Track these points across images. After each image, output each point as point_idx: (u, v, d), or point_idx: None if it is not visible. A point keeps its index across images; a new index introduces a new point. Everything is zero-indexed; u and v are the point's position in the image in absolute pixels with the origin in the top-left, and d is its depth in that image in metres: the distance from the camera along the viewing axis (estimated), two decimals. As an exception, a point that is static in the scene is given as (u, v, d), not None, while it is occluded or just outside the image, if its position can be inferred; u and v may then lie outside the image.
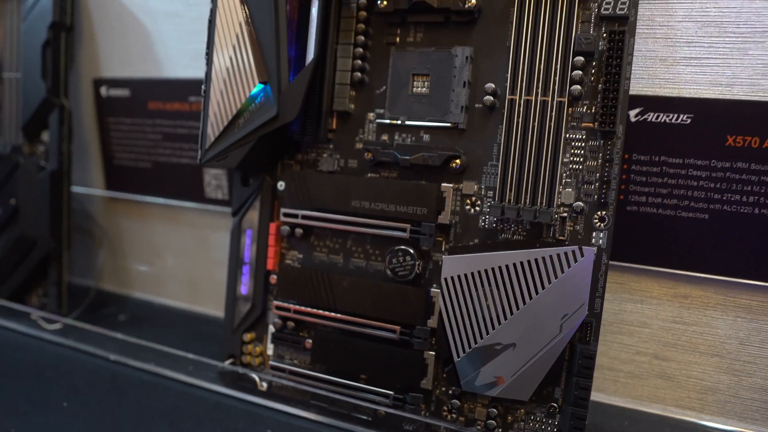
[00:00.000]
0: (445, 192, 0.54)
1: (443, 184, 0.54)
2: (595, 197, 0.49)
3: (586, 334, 0.49)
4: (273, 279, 0.62)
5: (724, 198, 0.54)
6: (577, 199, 0.50)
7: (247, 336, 0.64)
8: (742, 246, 0.54)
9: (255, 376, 0.62)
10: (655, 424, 0.58)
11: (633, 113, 0.55)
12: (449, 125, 0.54)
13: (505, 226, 0.52)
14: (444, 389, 0.54)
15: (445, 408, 0.54)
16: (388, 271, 0.56)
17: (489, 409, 0.52)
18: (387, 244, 0.57)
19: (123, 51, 0.82)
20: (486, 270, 0.51)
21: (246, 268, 0.63)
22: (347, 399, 0.58)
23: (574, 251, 0.48)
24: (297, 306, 0.60)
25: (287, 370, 0.61)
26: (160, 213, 0.85)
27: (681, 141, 0.54)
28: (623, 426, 0.58)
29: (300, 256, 0.62)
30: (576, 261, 0.48)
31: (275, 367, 0.61)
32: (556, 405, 0.50)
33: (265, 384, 0.61)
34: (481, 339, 0.51)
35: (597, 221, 0.49)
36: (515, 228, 0.52)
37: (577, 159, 0.50)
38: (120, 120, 0.83)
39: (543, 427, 0.51)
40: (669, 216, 0.55)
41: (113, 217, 0.89)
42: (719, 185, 0.54)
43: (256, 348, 0.64)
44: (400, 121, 0.56)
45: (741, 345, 0.56)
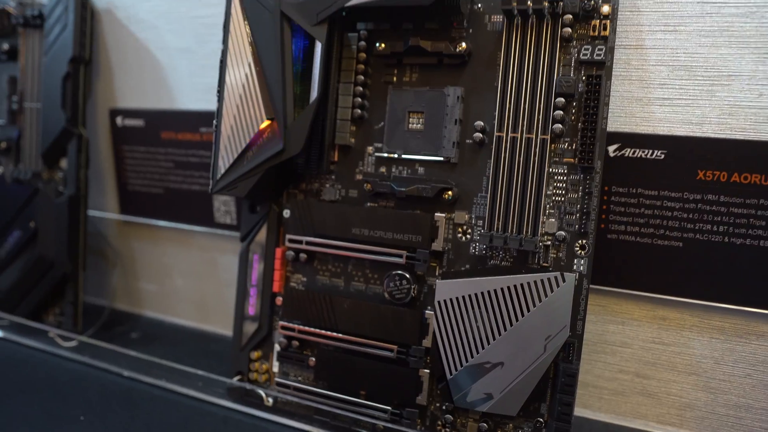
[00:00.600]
0: (438, 221, 0.55)
1: (436, 213, 0.56)
2: (576, 227, 0.51)
3: (568, 353, 0.51)
4: (279, 300, 0.63)
5: (696, 227, 0.55)
6: (560, 229, 0.51)
7: (254, 354, 0.64)
8: (714, 272, 0.55)
9: (261, 392, 0.63)
10: (638, 438, 0.60)
11: (612, 149, 0.56)
12: (442, 159, 0.56)
13: (494, 252, 0.54)
14: (438, 405, 0.56)
15: (439, 422, 0.56)
16: (385, 294, 0.57)
17: (480, 424, 0.54)
18: (385, 269, 0.58)
19: (138, 83, 0.83)
20: (476, 294, 0.52)
21: (253, 290, 0.64)
22: (348, 414, 0.58)
23: (556, 277, 0.50)
24: (301, 326, 0.61)
25: (292, 386, 0.61)
26: (171, 236, 0.86)
27: (656, 175, 0.56)
28: (607, 440, 0.59)
29: (304, 279, 0.63)
30: (558, 286, 0.50)
31: (281, 384, 0.62)
32: (542, 420, 0.52)
33: (271, 399, 0.62)
34: (472, 358, 0.52)
35: (578, 249, 0.51)
36: (503, 255, 0.54)
37: (560, 192, 0.52)
38: (134, 148, 0.84)
39: (530, 441, 0.52)
40: (646, 244, 0.57)
41: (127, 240, 0.89)
42: (692, 216, 0.55)
43: (262, 365, 0.64)
44: (396, 155, 0.58)
45: (716, 364, 0.57)
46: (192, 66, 0.79)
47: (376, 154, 0.59)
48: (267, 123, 0.56)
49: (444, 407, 0.55)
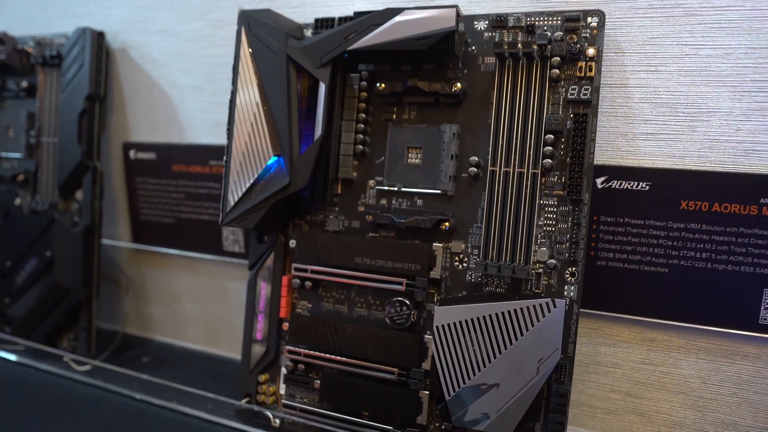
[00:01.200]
0: (436, 250, 0.57)
1: (434, 243, 0.57)
2: (566, 255, 0.52)
3: (560, 375, 0.52)
4: (285, 326, 0.64)
5: (680, 254, 0.56)
6: (551, 257, 0.53)
7: (262, 377, 0.65)
8: (698, 296, 0.56)
9: (269, 413, 0.63)
10: (629, 456, 0.60)
11: (599, 181, 0.58)
12: (439, 192, 0.58)
13: (489, 280, 0.55)
14: (437, 425, 0.57)
15: (439, 442, 0.56)
16: (387, 320, 0.58)
17: (477, 443, 0.54)
18: (386, 295, 0.59)
19: (150, 119, 0.84)
20: (473, 319, 0.53)
21: (261, 315, 0.65)
22: (352, 434, 0.59)
23: (547, 303, 0.51)
24: (307, 350, 0.62)
25: (298, 407, 0.62)
26: (181, 264, 0.86)
27: (641, 205, 0.57)
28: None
29: (309, 305, 0.64)
30: (549, 311, 0.51)
31: (287, 405, 0.63)
32: (536, 439, 0.53)
33: (278, 420, 0.63)
34: (469, 379, 0.53)
35: (568, 276, 0.52)
36: (498, 282, 0.55)
37: (550, 222, 0.53)
38: (146, 180, 0.85)
39: (525, 459, 0.53)
40: (634, 270, 0.58)
41: (138, 267, 0.90)
42: (676, 243, 0.56)
43: (269, 388, 0.65)
44: (396, 188, 0.59)
45: (703, 383, 0.58)
46: (202, 103, 0.80)
47: (377, 187, 0.61)
48: (274, 159, 0.58)
49: (443, 427, 0.56)
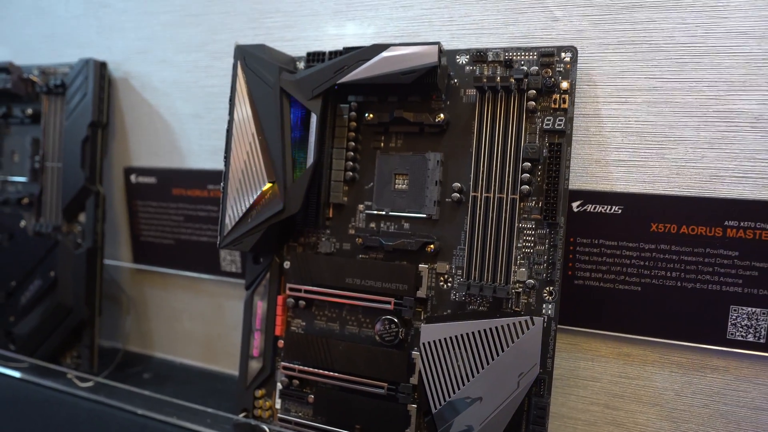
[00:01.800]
0: (422, 271, 0.58)
1: (420, 264, 0.58)
2: (544, 275, 0.54)
3: (540, 388, 0.54)
4: (280, 343, 0.65)
5: (652, 273, 0.58)
6: (530, 277, 0.55)
7: (259, 392, 0.66)
8: (669, 312, 0.58)
9: (265, 427, 0.64)
10: (609, 465, 0.61)
11: (575, 204, 0.60)
12: (425, 216, 0.59)
13: (472, 299, 0.57)
14: None
15: (426, 453, 0.58)
16: (376, 337, 0.60)
17: (462, 454, 0.56)
18: (375, 314, 0.61)
19: (151, 144, 0.86)
20: (457, 336, 0.55)
21: (257, 333, 0.66)
22: (344, 446, 0.60)
23: (526, 320, 0.53)
24: (301, 366, 0.63)
25: (293, 421, 0.63)
26: (180, 283, 0.87)
27: (615, 227, 0.59)
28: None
29: (303, 323, 0.65)
30: (528, 328, 0.53)
31: (283, 419, 0.64)
32: (518, 449, 0.54)
33: None
34: (454, 393, 0.55)
35: (546, 295, 0.54)
36: (480, 301, 0.57)
37: (529, 244, 0.55)
38: (147, 203, 0.86)
39: (508, 469, 0.54)
40: (609, 288, 0.60)
41: (139, 287, 0.90)
42: (647, 263, 0.58)
43: (266, 402, 0.66)
44: (384, 212, 0.61)
45: (677, 396, 0.59)
46: (200, 130, 0.82)
47: (366, 211, 0.63)
48: (269, 185, 0.60)
49: (430, 439, 0.57)
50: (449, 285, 0.59)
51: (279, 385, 0.65)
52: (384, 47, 0.58)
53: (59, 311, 0.82)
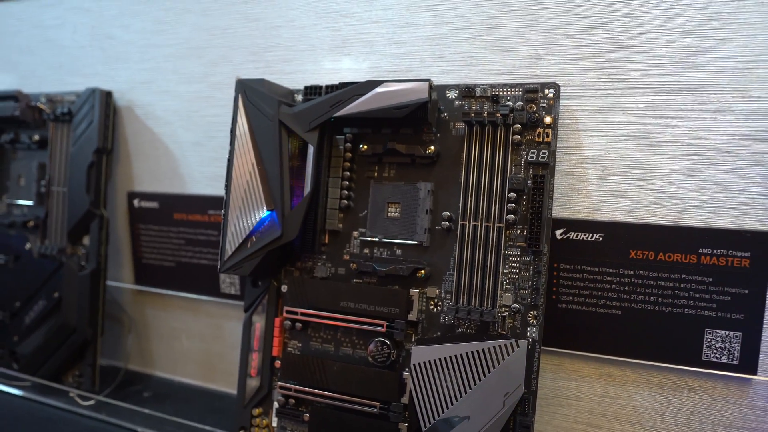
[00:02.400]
0: (413, 295, 0.60)
1: (411, 289, 0.60)
2: (529, 300, 0.56)
3: (524, 407, 0.55)
4: (277, 363, 0.66)
5: (631, 298, 0.60)
6: (515, 302, 0.57)
7: (256, 411, 0.67)
8: (648, 335, 0.60)
9: None
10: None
11: (559, 232, 0.62)
12: (416, 243, 0.61)
13: (461, 322, 0.59)
14: None
15: (417, 470, 0.59)
16: (369, 358, 0.61)
17: (451, 471, 0.57)
18: (368, 336, 0.62)
19: (153, 171, 0.87)
20: (446, 357, 0.56)
21: (255, 354, 0.67)
22: (338, 463, 0.61)
23: (511, 343, 0.54)
24: (297, 386, 0.64)
25: None
26: (181, 304, 0.87)
27: (596, 254, 0.61)
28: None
29: (299, 345, 0.66)
30: (513, 350, 0.54)
31: None
32: (504, 467, 0.55)
33: None
34: (443, 412, 0.56)
35: (531, 319, 0.56)
36: (468, 324, 0.58)
37: (514, 270, 0.57)
38: (149, 227, 0.87)
39: (494, 486, 0.55)
40: (591, 312, 0.61)
41: (141, 308, 0.91)
42: (627, 288, 0.60)
43: (263, 421, 0.67)
44: (378, 239, 0.63)
45: (656, 414, 0.61)
46: (201, 157, 0.83)
47: (360, 237, 0.64)
48: (267, 213, 0.62)
49: (421, 456, 0.58)
50: (439, 309, 0.60)
51: (276, 404, 0.66)
52: (378, 83, 0.60)
53: (62, 331, 0.83)
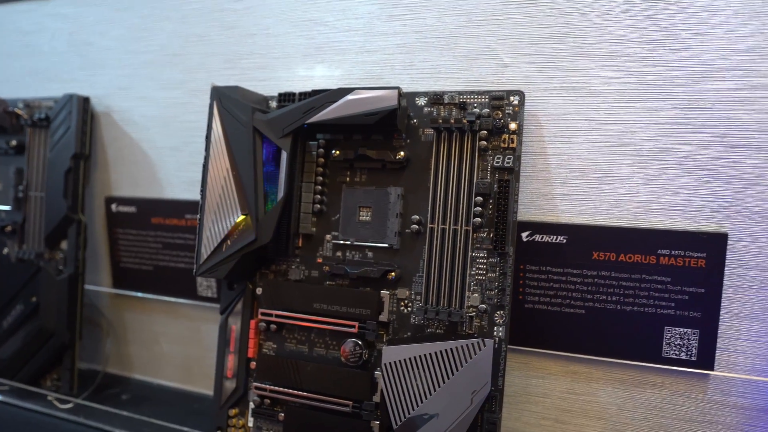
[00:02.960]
0: (384, 297, 0.61)
1: (382, 291, 0.61)
2: (495, 300, 0.57)
3: (492, 404, 0.57)
4: (253, 364, 0.67)
5: (594, 297, 0.61)
6: (482, 302, 0.58)
7: (232, 411, 0.67)
8: (611, 333, 0.61)
9: None
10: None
11: (524, 234, 0.63)
12: (387, 246, 0.62)
13: (430, 322, 0.60)
14: None
15: (388, 466, 0.60)
16: (342, 358, 0.62)
17: (421, 467, 0.58)
18: (341, 337, 0.63)
19: (131, 175, 0.87)
20: (416, 357, 0.57)
21: (231, 355, 0.68)
22: (312, 461, 0.62)
23: (478, 342, 0.55)
24: (272, 386, 0.64)
25: None
26: (159, 308, 0.88)
27: (560, 255, 0.62)
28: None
29: (274, 346, 0.67)
30: (480, 349, 0.55)
31: None
32: (472, 463, 0.56)
33: None
34: (413, 410, 0.57)
35: (497, 319, 0.57)
36: (437, 324, 0.59)
37: (481, 272, 0.58)
38: (127, 231, 0.87)
39: (463, 481, 0.56)
40: (556, 311, 0.63)
41: (119, 311, 0.91)
42: (590, 288, 0.61)
43: (239, 421, 0.67)
44: (350, 242, 0.64)
45: (620, 410, 0.63)
46: (178, 162, 0.84)
47: (333, 241, 0.65)
48: (242, 217, 0.62)
49: (392, 453, 0.59)
50: (409, 309, 0.61)
51: (251, 404, 0.67)
52: (349, 90, 0.61)
53: (41, 335, 0.83)
